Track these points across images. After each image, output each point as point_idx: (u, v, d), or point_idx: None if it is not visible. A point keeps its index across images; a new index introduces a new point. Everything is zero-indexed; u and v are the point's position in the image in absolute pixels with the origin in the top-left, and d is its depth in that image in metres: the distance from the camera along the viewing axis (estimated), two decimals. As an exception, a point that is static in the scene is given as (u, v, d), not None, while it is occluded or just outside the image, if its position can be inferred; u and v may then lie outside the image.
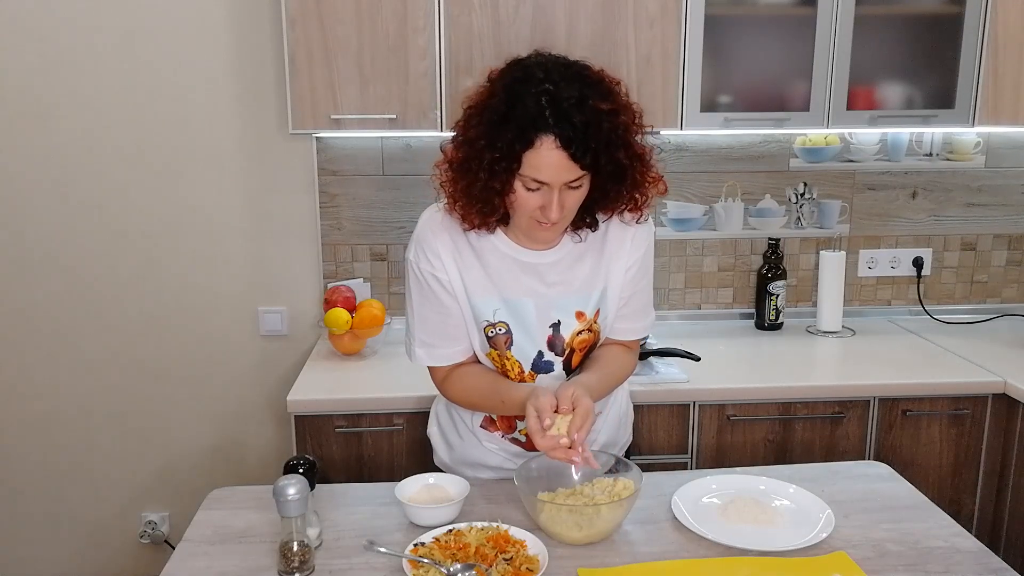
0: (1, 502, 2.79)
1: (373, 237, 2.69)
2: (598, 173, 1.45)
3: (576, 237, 1.60)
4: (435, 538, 1.43)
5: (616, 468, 1.57)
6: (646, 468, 1.59)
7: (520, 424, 1.67)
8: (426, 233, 1.59)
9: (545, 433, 1.42)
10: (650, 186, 1.51)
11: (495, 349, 1.62)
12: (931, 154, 2.79)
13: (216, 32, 2.54)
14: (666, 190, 1.55)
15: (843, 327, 2.72)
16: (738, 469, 1.78)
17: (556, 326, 1.61)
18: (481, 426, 1.72)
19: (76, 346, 2.70)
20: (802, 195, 2.77)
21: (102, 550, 2.85)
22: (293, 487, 1.33)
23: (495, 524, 1.46)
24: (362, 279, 2.66)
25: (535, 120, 1.38)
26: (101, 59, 2.53)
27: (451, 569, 1.33)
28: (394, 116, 2.29)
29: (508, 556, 1.36)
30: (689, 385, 2.25)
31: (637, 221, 1.59)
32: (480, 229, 1.55)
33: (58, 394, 2.73)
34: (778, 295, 2.74)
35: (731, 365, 2.47)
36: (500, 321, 1.60)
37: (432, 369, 1.67)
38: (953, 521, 1.55)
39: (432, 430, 1.85)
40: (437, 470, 1.78)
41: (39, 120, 2.56)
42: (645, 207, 1.54)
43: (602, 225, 1.60)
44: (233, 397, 2.77)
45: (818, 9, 2.32)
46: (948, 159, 2.80)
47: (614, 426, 1.79)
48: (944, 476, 2.35)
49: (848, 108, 2.38)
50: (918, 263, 2.85)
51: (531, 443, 1.53)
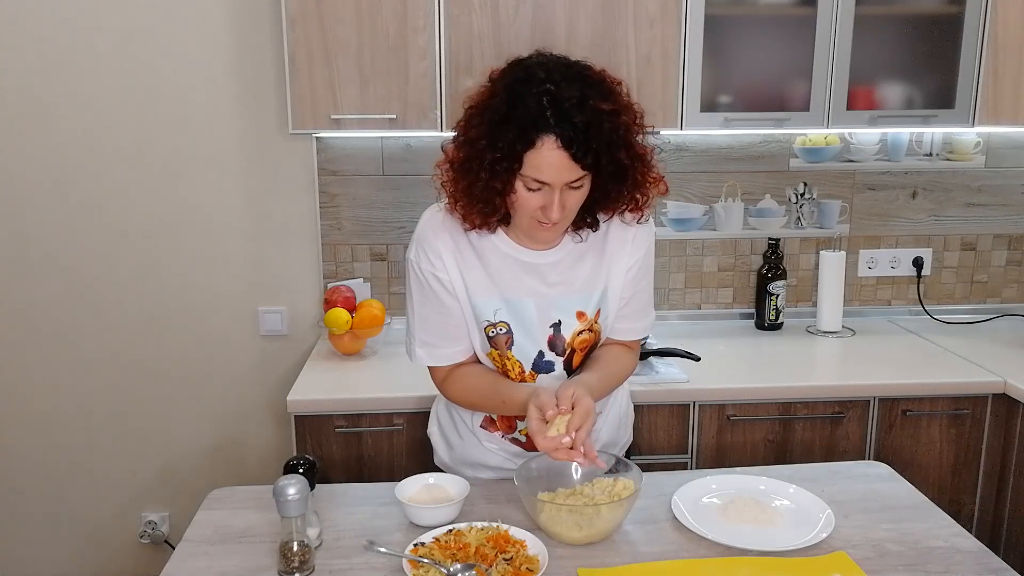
0: (1, 502, 2.79)
1: (373, 237, 2.69)
2: (599, 173, 1.45)
3: (577, 237, 1.60)
4: (435, 538, 1.43)
5: (616, 468, 1.57)
6: (646, 468, 1.59)
7: (520, 424, 1.67)
8: (427, 233, 1.59)
9: (546, 434, 1.42)
10: (651, 186, 1.51)
11: (496, 349, 1.62)
12: (931, 154, 2.79)
13: (216, 32, 2.54)
14: (667, 190, 1.55)
15: (843, 327, 2.72)
16: (738, 469, 1.78)
17: (557, 326, 1.61)
18: (481, 426, 1.72)
19: (76, 346, 2.70)
20: (802, 195, 2.77)
21: (102, 550, 2.84)
22: (293, 487, 1.33)
23: (495, 524, 1.46)
24: (362, 279, 2.66)
25: (536, 120, 1.38)
26: (101, 59, 2.53)
27: (451, 569, 1.33)
28: (394, 116, 2.29)
29: (508, 556, 1.36)
30: (689, 385, 2.26)
31: (638, 221, 1.59)
32: (481, 229, 1.55)
33: (58, 394, 2.73)
34: (778, 295, 2.74)
35: (731, 365, 2.47)
36: (501, 321, 1.60)
37: (432, 369, 1.67)
38: (953, 521, 1.55)
39: (432, 430, 1.85)
40: (437, 470, 1.78)
41: (39, 120, 2.56)
42: (646, 207, 1.54)
43: (603, 225, 1.60)
44: (233, 397, 2.77)
45: (818, 9, 2.32)
46: (948, 159, 2.80)
47: (614, 426, 1.80)
48: (944, 476, 2.35)
49: (848, 108, 2.38)
50: (918, 263, 2.85)
51: (531, 443, 1.53)
